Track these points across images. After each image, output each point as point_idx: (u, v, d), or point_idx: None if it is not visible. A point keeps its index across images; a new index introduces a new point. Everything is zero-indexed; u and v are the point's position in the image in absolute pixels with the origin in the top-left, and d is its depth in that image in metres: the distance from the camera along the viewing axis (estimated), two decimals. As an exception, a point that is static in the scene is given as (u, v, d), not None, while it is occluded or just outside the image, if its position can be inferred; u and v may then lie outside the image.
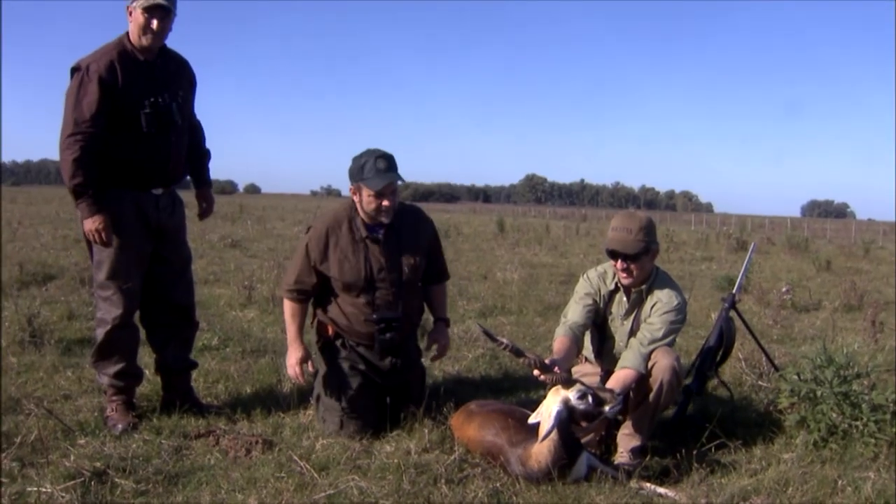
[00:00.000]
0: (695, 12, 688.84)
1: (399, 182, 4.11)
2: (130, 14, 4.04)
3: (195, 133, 4.53)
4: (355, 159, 4.13)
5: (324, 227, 4.22)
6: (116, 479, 3.30)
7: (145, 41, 4.05)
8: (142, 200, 4.19)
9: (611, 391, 3.57)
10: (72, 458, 3.49)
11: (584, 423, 3.54)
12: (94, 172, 3.98)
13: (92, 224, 3.99)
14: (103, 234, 4.02)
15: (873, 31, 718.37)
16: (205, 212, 4.69)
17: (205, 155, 4.63)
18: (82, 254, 11.35)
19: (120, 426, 4.06)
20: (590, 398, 3.48)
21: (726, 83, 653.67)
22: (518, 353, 3.52)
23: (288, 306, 4.36)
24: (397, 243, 4.24)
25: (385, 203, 4.08)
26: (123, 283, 4.16)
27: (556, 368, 3.56)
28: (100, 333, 4.23)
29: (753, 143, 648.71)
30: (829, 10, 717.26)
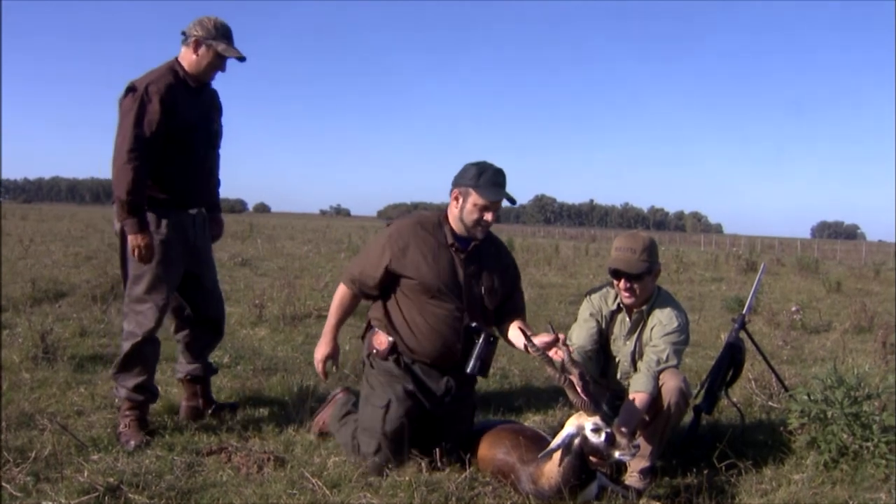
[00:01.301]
0: (710, 34, 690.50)
1: (508, 203, 4.03)
2: (198, 46, 4.28)
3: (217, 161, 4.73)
4: (470, 165, 3.94)
5: (408, 224, 4.01)
6: (130, 495, 3.32)
7: (204, 77, 4.37)
8: (182, 219, 4.36)
9: (629, 439, 3.45)
10: (85, 473, 3.50)
11: (592, 459, 3.48)
12: (146, 190, 4.14)
13: (139, 240, 4.12)
14: (146, 251, 4.15)
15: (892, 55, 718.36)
16: (216, 235, 4.81)
17: (218, 182, 4.78)
18: (94, 271, 11.46)
19: (133, 442, 4.08)
20: (604, 434, 3.41)
21: (738, 103, 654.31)
22: (550, 362, 3.56)
23: (340, 293, 4.15)
24: (479, 261, 4.03)
25: (487, 217, 3.91)
26: (160, 299, 4.28)
27: (580, 389, 3.50)
28: (126, 346, 4.29)
29: (764, 164, 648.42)
30: (853, 33, 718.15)
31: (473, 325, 3.94)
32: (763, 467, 4.04)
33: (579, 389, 3.50)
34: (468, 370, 3.87)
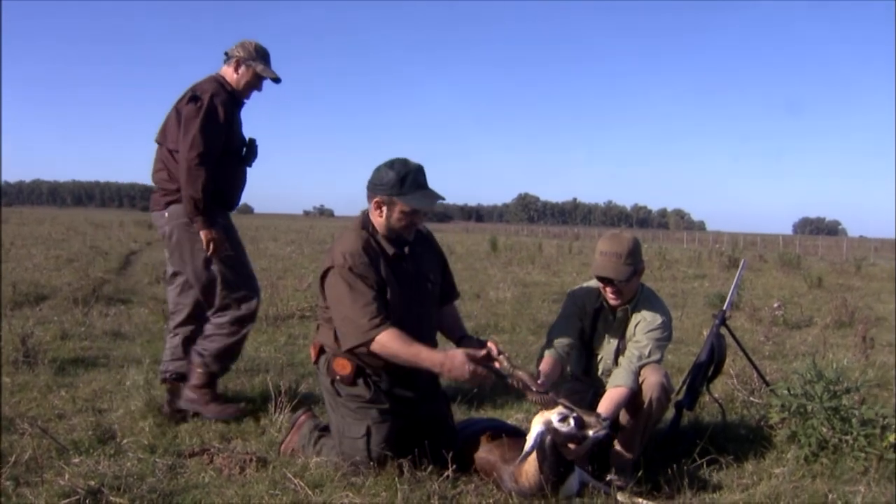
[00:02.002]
0: (687, 27, 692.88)
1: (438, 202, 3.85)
2: (238, 66, 4.74)
3: None
4: (386, 169, 3.71)
5: (359, 249, 3.69)
6: (111, 498, 3.29)
7: (243, 94, 4.80)
8: (228, 219, 4.88)
9: (597, 416, 3.52)
10: (66, 476, 3.47)
11: (571, 446, 3.50)
12: (210, 191, 4.52)
13: (213, 234, 4.57)
14: (219, 243, 4.60)
15: (872, 46, 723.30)
16: None
17: None
18: (75, 274, 11.42)
19: (231, 410, 4.65)
20: (572, 421, 3.45)
21: (722, 101, 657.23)
22: (500, 375, 3.58)
23: (386, 339, 3.56)
24: (418, 259, 3.91)
25: (418, 220, 3.80)
26: (251, 280, 4.88)
27: (535, 386, 3.56)
28: (244, 331, 4.81)
29: (746, 160, 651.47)
30: (827, 17, 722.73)
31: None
32: (744, 462, 4.06)
33: (533, 388, 3.54)
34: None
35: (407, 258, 3.85)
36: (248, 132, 4.86)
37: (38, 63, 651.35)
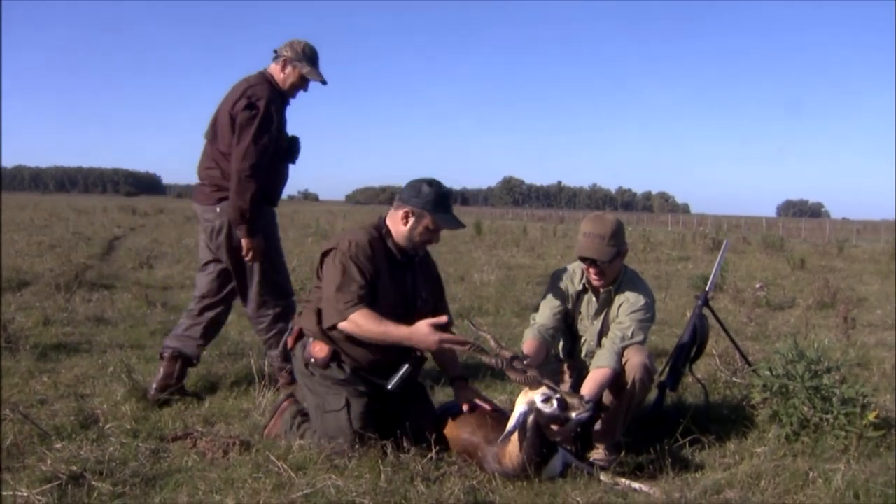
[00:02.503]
0: (668, 9, 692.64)
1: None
2: (285, 65, 4.81)
3: None
4: (424, 184, 3.86)
5: (365, 242, 3.83)
6: (93, 483, 3.29)
7: (289, 94, 4.87)
8: (273, 214, 5.00)
9: (580, 397, 3.55)
10: (48, 462, 3.46)
11: (554, 427, 3.54)
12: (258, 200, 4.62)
13: (254, 243, 4.67)
14: (257, 252, 4.70)
15: (858, 30, 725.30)
16: None
17: None
18: (57, 260, 11.32)
19: None
20: (555, 402, 3.48)
21: (704, 83, 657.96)
22: (481, 351, 3.60)
23: (360, 318, 3.69)
24: (416, 273, 4.04)
25: (437, 239, 3.98)
26: (287, 280, 5.11)
27: (515, 365, 3.58)
28: (288, 325, 4.66)
29: (730, 144, 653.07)
30: (816, 5, 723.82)
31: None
32: (726, 441, 4.09)
33: (518, 368, 3.57)
34: (389, 387, 3.85)
35: (408, 270, 3.99)
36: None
37: (18, 49, 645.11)
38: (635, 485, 3.52)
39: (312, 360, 3.89)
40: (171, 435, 4.01)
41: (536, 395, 3.49)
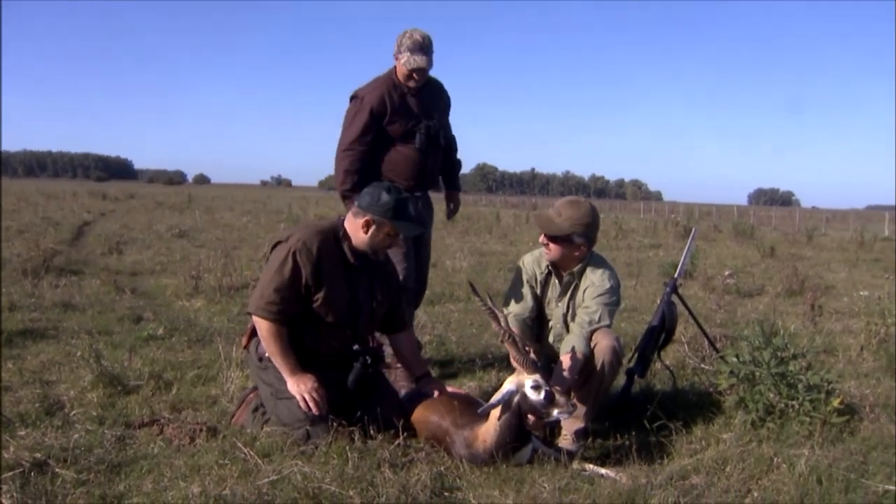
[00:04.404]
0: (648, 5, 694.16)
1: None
2: (395, 58, 4.94)
3: (450, 146, 5.35)
4: (383, 192, 3.88)
5: (314, 237, 3.84)
6: (57, 470, 3.26)
7: (405, 83, 4.97)
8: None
9: (567, 398, 3.57)
10: (11, 449, 3.41)
11: (529, 417, 3.56)
12: (359, 181, 4.76)
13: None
14: None
15: (834, 19, 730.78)
16: (452, 212, 5.69)
17: (455, 164, 5.48)
18: (25, 245, 11.18)
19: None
20: (543, 392, 3.49)
21: (677, 71, 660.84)
22: (495, 317, 3.64)
23: (268, 328, 3.79)
24: (370, 275, 4.04)
25: (396, 244, 4.10)
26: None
27: (519, 343, 3.60)
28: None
29: (705, 132, 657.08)
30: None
31: (356, 347, 3.97)
32: (693, 427, 4.11)
33: (522, 348, 3.58)
34: (348, 384, 3.91)
35: (363, 272, 4.00)
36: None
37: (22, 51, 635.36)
38: (602, 470, 3.53)
39: (266, 354, 3.90)
40: (138, 421, 3.97)
41: (528, 380, 3.51)
